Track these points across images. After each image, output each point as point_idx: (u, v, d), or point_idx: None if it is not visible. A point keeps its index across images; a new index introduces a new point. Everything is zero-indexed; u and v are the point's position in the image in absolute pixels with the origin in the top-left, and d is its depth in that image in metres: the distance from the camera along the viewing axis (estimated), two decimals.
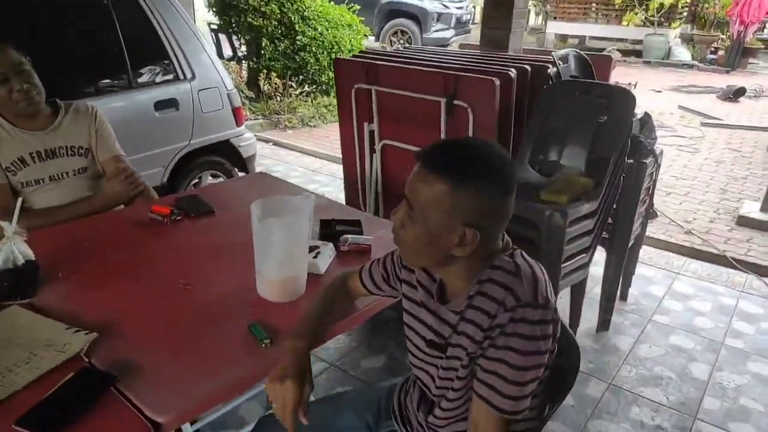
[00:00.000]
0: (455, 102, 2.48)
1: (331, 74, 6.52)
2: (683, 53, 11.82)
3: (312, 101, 6.47)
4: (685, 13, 12.47)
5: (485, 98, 2.38)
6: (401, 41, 10.40)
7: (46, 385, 1.05)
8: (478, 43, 3.53)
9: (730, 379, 2.41)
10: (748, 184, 4.88)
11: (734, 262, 3.44)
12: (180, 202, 1.88)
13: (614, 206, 2.40)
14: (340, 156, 3.18)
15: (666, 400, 2.27)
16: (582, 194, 2.24)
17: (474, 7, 11.78)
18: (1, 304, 1.30)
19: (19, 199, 1.46)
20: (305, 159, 5.29)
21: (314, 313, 1.21)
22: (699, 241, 3.73)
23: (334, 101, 6.59)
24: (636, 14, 11.86)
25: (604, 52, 7.70)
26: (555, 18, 13.55)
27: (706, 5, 12.46)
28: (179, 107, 3.11)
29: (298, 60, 6.32)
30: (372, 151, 2.93)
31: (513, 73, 2.46)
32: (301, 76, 6.45)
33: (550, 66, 2.66)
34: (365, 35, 7.03)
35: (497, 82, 2.34)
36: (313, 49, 6.33)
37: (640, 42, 11.97)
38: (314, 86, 6.61)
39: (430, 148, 0.99)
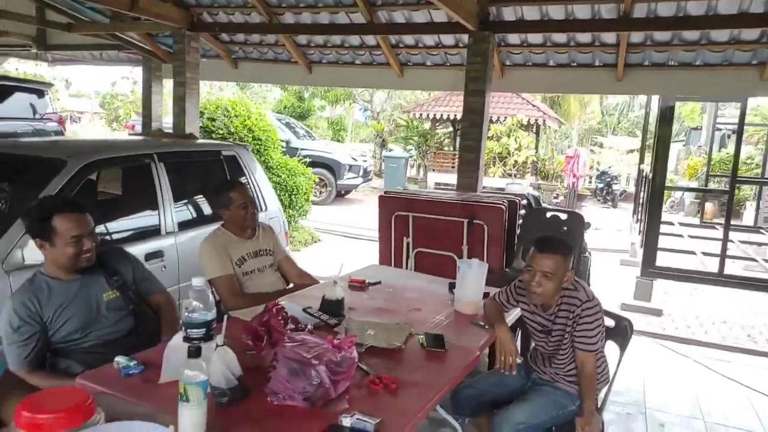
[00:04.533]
0: (474, 221, 3.95)
1: (291, 211, 7.83)
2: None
3: None
4: (530, 168, 15.93)
5: (496, 218, 3.87)
6: (318, 186, 12.09)
7: None
8: (425, 187, 5.11)
9: None
10: (624, 286, 6.86)
11: None
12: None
13: None
14: None
15: None
16: None
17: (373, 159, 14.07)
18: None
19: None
20: None
21: (494, 312, 2.47)
22: None
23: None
24: (498, 168, 14.97)
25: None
26: (433, 170, 16.39)
27: (545, 163, 16.13)
28: None
29: None
30: (407, 257, 4.23)
31: (506, 203, 4.02)
32: None
33: (518, 199, 4.29)
34: (315, 181, 8.51)
35: (504, 207, 3.87)
36: (277, 192, 7.60)
37: (502, 189, 14.94)
38: None
39: (543, 242, 2.33)
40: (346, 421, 1.49)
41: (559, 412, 2.32)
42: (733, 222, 12.19)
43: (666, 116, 5.56)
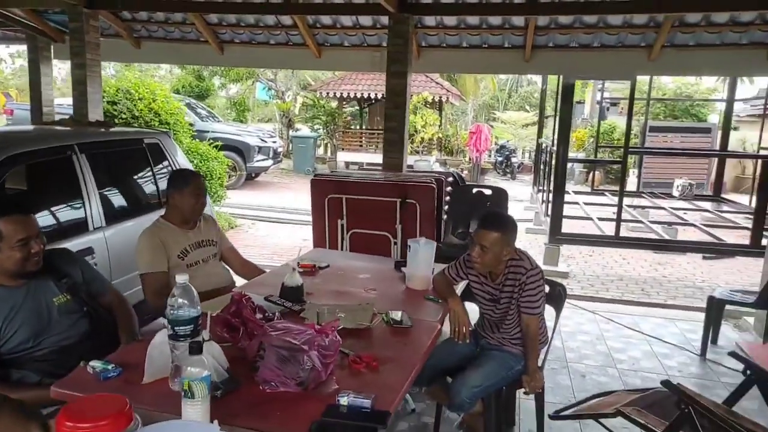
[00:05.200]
0: (407, 200, 4.09)
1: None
2: None
3: None
4: (435, 145, 16.47)
5: (428, 197, 4.04)
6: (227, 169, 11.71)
7: None
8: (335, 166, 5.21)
9: None
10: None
11: None
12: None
13: None
14: None
15: None
16: None
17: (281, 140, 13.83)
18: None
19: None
20: None
21: (445, 286, 2.64)
22: None
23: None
24: None
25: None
26: (342, 149, 16.43)
27: (450, 139, 16.73)
28: None
29: None
30: (342, 238, 4.30)
31: (434, 182, 4.21)
32: None
33: (443, 177, 4.49)
34: (229, 166, 8.26)
35: (434, 186, 4.05)
36: None
37: (411, 166, 15.34)
38: None
39: (485, 219, 2.55)
40: (344, 401, 1.57)
41: (508, 373, 2.55)
42: (618, 188, 13.51)
43: (567, 94, 6.02)
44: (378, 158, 15.61)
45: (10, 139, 2.97)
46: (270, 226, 8.71)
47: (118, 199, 3.53)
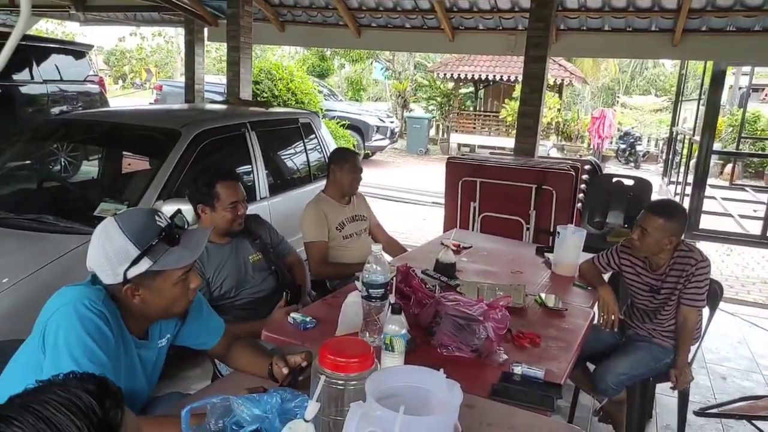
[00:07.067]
0: (543, 186, 4.11)
1: None
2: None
3: None
4: (554, 129, 15.94)
5: (565, 184, 4.04)
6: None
7: None
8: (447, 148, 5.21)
9: None
10: None
11: None
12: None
13: None
14: None
15: None
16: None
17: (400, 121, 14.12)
18: None
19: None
20: None
21: (595, 274, 2.67)
22: None
23: None
24: None
25: None
26: (456, 131, 16.42)
27: (570, 123, 16.11)
28: None
29: None
30: (474, 221, 4.42)
31: (572, 168, 4.18)
32: None
33: (580, 165, 4.43)
34: (353, 145, 8.65)
35: (573, 173, 4.03)
36: None
37: None
38: None
39: (652, 206, 2.51)
40: (518, 370, 1.71)
41: (656, 365, 2.55)
42: (758, 184, 12.32)
43: (717, 81, 5.63)
44: (491, 141, 15.56)
45: (195, 118, 3.40)
46: (388, 204, 8.99)
47: (278, 173, 3.90)
